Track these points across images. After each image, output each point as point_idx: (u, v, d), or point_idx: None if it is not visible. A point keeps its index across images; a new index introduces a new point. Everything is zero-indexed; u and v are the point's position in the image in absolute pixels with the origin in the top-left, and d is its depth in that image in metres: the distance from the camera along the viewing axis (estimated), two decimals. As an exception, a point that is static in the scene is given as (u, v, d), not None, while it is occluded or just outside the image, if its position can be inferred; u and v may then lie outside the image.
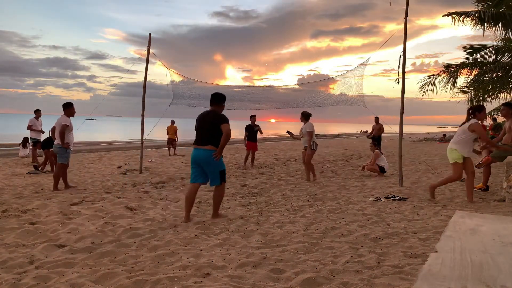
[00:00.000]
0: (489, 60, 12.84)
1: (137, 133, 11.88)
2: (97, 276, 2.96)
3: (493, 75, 12.47)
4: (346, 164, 12.32)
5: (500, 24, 11.85)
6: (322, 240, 4.01)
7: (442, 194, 6.66)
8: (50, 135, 9.77)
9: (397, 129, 8.23)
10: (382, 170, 9.37)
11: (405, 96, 7.74)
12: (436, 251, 2.91)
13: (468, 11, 11.59)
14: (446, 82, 13.19)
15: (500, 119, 14.27)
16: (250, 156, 11.63)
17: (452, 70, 13.07)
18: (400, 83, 7.67)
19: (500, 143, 6.36)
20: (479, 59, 13.02)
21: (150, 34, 10.18)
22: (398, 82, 7.73)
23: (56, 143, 7.18)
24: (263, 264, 3.26)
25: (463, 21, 11.55)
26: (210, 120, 4.87)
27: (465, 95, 13.51)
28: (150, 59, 10.12)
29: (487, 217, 4.27)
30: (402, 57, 7.66)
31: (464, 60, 13.36)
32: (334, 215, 5.23)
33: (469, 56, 13.31)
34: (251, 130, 11.51)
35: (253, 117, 11.62)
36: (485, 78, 12.52)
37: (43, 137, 11.57)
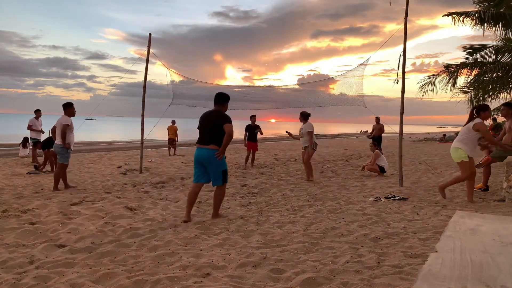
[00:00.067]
0: (489, 60, 12.82)
1: (137, 133, 11.88)
2: (97, 276, 2.96)
3: (493, 75, 12.45)
4: (346, 164, 12.32)
5: (500, 24, 11.83)
6: (322, 240, 4.01)
7: (442, 194, 6.67)
8: (50, 135, 9.76)
9: (397, 129, 8.23)
10: (382, 170, 9.37)
11: (405, 96, 7.74)
12: (436, 251, 2.91)
13: (468, 11, 11.57)
14: (446, 82, 13.17)
15: (500, 119, 14.27)
16: (250, 156, 11.64)
17: (452, 70, 13.05)
18: (400, 83, 7.67)
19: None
20: (479, 59, 13.00)
21: (150, 34, 10.19)
22: (397, 82, 7.74)
23: (57, 143, 7.17)
24: (263, 264, 3.26)
25: (463, 21, 11.54)
26: (213, 120, 4.88)
27: (465, 95, 13.50)
28: (150, 59, 10.14)
29: (487, 217, 4.27)
30: (402, 57, 7.66)
31: (464, 60, 13.34)
32: (334, 215, 5.23)
33: (469, 56, 13.29)
34: (251, 130, 11.51)
35: (253, 117, 11.62)
36: (485, 78, 12.50)
37: (43, 137, 11.58)
